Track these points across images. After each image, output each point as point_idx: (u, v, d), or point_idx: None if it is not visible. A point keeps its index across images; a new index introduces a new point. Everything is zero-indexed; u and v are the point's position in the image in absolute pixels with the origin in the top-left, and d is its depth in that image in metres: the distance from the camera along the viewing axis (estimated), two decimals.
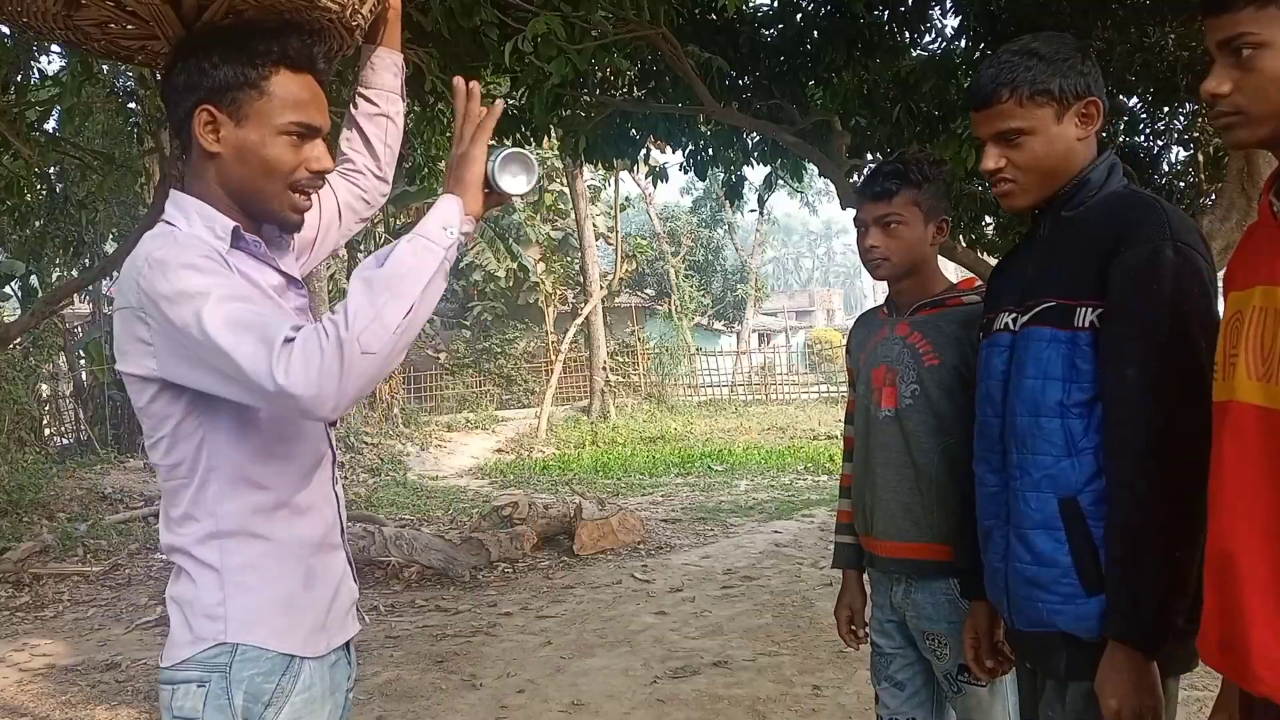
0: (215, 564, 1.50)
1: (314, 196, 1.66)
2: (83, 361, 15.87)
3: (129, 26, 1.63)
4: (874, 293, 41.58)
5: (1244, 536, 1.31)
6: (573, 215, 21.49)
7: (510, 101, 4.20)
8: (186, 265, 1.41)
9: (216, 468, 1.50)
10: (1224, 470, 1.35)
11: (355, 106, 1.94)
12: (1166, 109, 5.66)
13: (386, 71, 1.92)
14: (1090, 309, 1.71)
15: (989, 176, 1.86)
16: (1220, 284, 1.54)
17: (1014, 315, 1.84)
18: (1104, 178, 1.82)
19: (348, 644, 1.70)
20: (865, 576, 2.50)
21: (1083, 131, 1.81)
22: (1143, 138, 5.97)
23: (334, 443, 1.72)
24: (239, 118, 1.53)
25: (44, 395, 13.43)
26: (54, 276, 13.69)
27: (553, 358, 20.45)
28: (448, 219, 1.47)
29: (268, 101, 1.54)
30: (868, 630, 2.47)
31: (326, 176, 1.63)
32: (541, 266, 22.43)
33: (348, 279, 17.26)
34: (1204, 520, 1.41)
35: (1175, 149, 6.14)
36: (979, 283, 2.40)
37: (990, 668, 2.07)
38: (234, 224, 1.55)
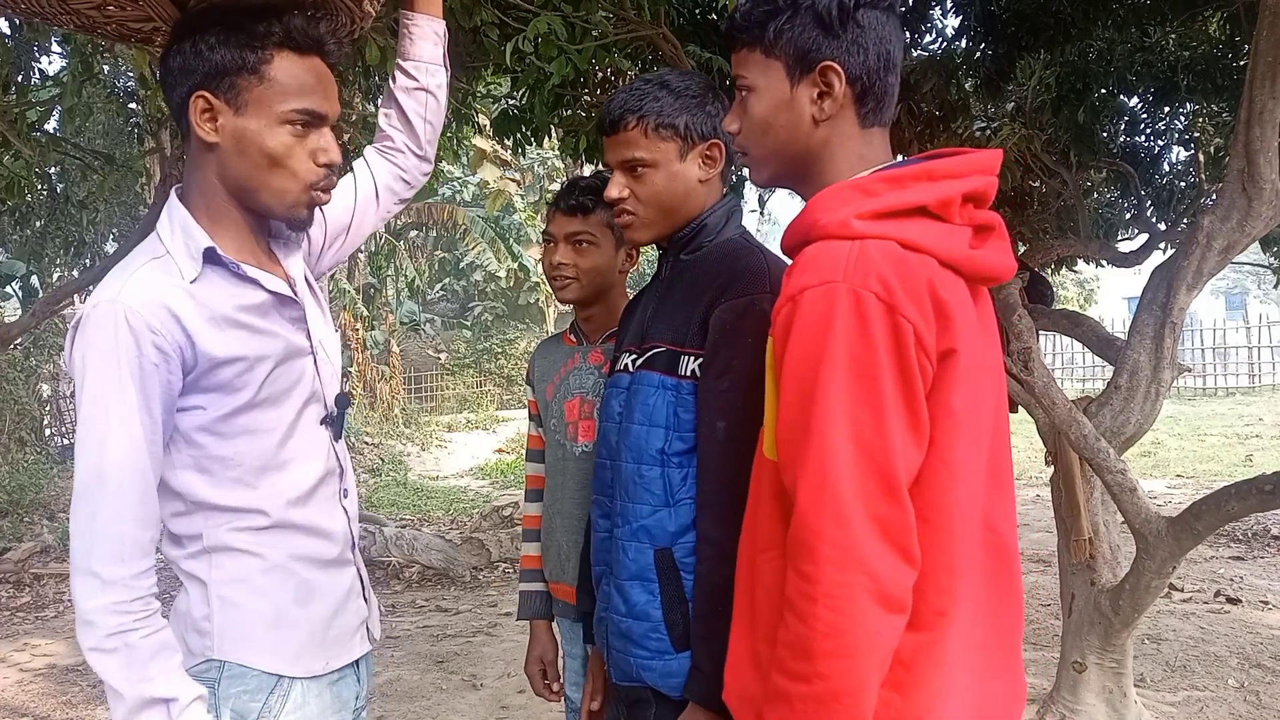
0: (203, 577, 1.45)
1: (332, 190, 1.54)
2: None
3: (127, 9, 1.51)
4: None
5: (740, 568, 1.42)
6: None
7: (511, 102, 4.19)
8: (110, 366, 1.34)
9: (199, 501, 1.45)
10: None
11: (394, 81, 1.80)
12: (1167, 109, 5.66)
13: (425, 41, 1.78)
14: (692, 358, 1.67)
15: (612, 206, 1.82)
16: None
17: (633, 356, 1.77)
18: (721, 223, 1.79)
19: (357, 661, 1.63)
20: (555, 626, 2.32)
21: (705, 173, 1.78)
22: (1143, 138, 5.97)
23: (342, 458, 1.63)
24: (237, 105, 1.42)
25: (45, 395, 13.42)
26: (55, 276, 13.67)
27: None
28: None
29: (268, 88, 1.42)
30: (563, 683, 2.31)
31: (337, 169, 1.51)
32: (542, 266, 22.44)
33: (348, 278, 16.91)
34: None
35: (1176, 149, 6.14)
36: None
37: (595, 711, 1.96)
38: (209, 244, 1.43)
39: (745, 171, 1.67)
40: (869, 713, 1.17)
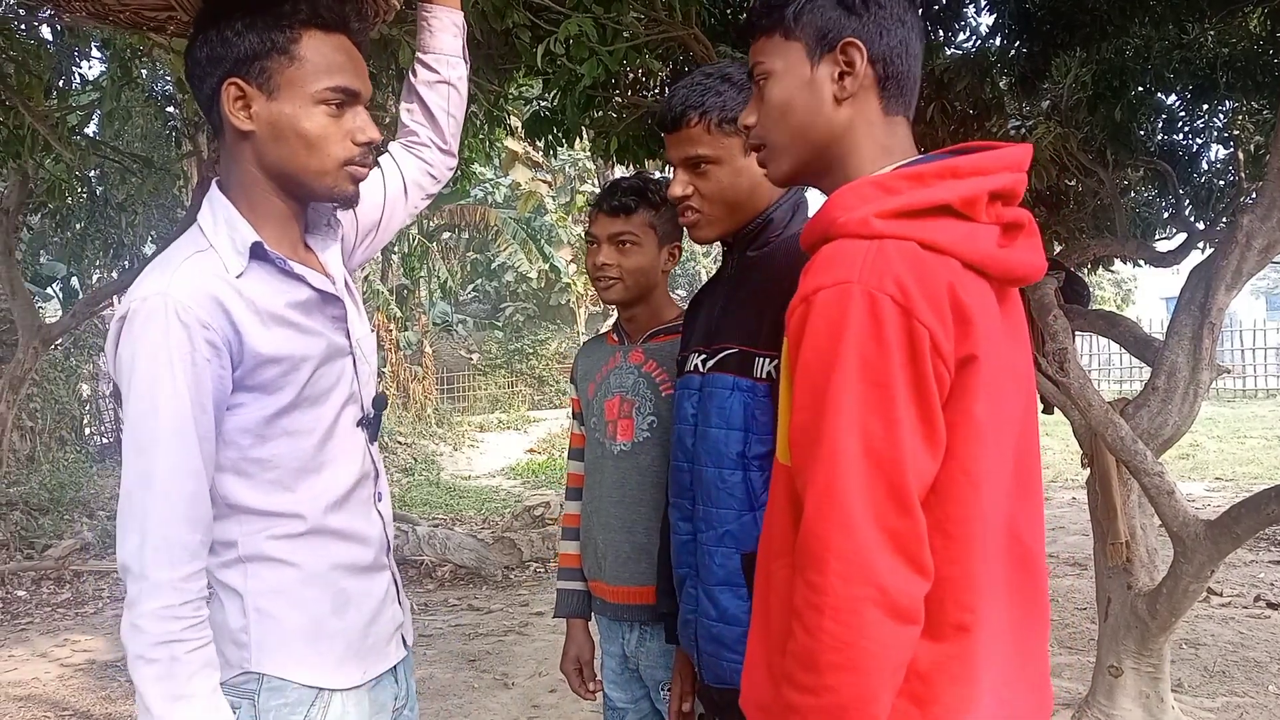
0: (239, 588, 1.42)
1: (371, 168, 1.52)
2: None
3: None
4: None
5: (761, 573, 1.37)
6: None
7: (542, 103, 4.21)
8: (161, 362, 1.31)
9: (235, 505, 1.42)
10: None
11: (414, 74, 1.77)
12: (1205, 107, 5.57)
13: (445, 33, 1.76)
14: (767, 359, 1.62)
15: (676, 204, 1.78)
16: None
17: (703, 357, 1.74)
18: (788, 217, 1.75)
19: (394, 665, 1.60)
20: (593, 624, 2.32)
21: None
22: (1181, 136, 5.89)
23: (377, 460, 1.60)
24: (270, 89, 1.39)
25: (84, 395, 13.61)
26: (94, 278, 13.88)
27: None
28: None
29: (300, 68, 1.39)
30: (600, 681, 2.30)
31: (376, 147, 1.49)
32: (573, 267, 22.46)
33: (381, 279, 17.02)
34: None
35: (1215, 147, 6.06)
36: None
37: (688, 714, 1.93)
38: (255, 239, 1.41)
39: None
40: None
